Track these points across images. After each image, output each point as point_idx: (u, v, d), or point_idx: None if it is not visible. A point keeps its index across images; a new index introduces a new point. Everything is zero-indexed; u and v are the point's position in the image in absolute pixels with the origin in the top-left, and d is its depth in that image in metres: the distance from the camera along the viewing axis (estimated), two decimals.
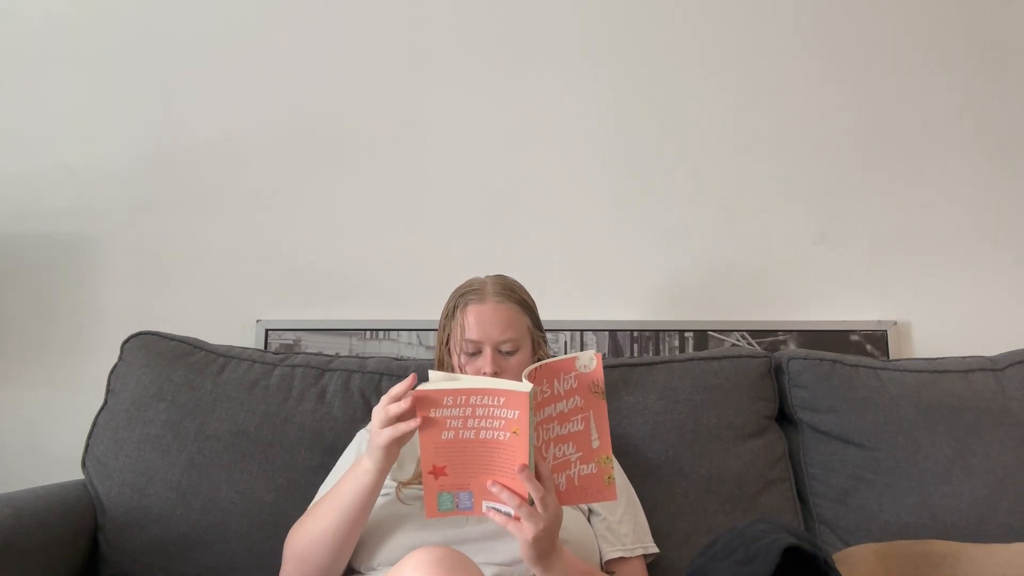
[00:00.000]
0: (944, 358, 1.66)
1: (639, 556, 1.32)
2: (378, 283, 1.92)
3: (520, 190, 1.95)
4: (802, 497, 1.59)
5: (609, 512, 1.32)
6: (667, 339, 1.87)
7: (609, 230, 1.94)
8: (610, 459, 1.08)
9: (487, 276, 1.44)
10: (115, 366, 1.60)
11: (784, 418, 1.65)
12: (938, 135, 1.94)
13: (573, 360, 1.06)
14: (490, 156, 1.96)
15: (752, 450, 1.55)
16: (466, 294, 1.40)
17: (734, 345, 1.85)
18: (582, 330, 1.87)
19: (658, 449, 1.53)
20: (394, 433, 1.08)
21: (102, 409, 1.57)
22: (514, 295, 1.41)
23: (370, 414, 1.50)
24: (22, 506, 1.35)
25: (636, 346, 1.86)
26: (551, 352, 1.83)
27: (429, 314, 1.55)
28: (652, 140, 1.96)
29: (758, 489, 1.53)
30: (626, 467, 1.45)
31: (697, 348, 1.85)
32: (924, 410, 1.54)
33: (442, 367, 1.41)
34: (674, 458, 1.52)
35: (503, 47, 1.99)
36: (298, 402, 1.55)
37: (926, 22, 1.97)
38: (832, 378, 1.59)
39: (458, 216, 1.95)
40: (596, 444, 1.07)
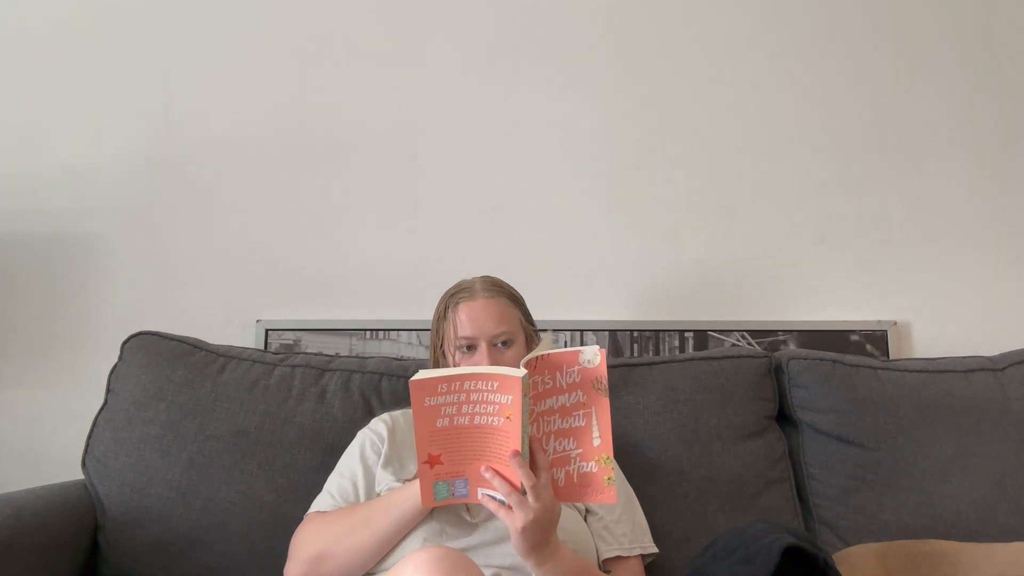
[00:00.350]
0: (944, 358, 1.66)
1: (637, 556, 1.32)
2: (378, 283, 1.92)
3: (520, 190, 1.95)
4: (802, 497, 1.59)
5: (606, 512, 1.32)
6: (667, 339, 1.87)
7: (609, 229, 1.94)
8: (610, 460, 1.07)
9: (474, 277, 1.45)
10: (115, 366, 1.60)
11: (784, 418, 1.65)
12: (938, 135, 1.94)
13: (576, 354, 1.06)
14: (490, 156, 1.96)
15: (752, 450, 1.55)
16: (456, 294, 1.41)
17: (734, 345, 1.85)
18: (582, 330, 1.87)
19: (658, 449, 1.53)
20: None
21: (102, 409, 1.57)
22: (503, 290, 1.43)
23: (370, 414, 1.52)
24: (22, 506, 1.35)
25: (636, 346, 1.86)
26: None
27: (429, 314, 1.55)
28: (652, 140, 1.96)
29: (758, 489, 1.53)
30: (626, 467, 1.45)
31: (697, 348, 1.85)
32: (924, 410, 1.54)
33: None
34: (674, 458, 1.52)
35: (502, 47, 1.99)
36: (298, 402, 1.55)
37: (926, 22, 1.97)
38: (832, 378, 1.59)
39: (458, 216, 1.95)
40: (597, 442, 1.07)
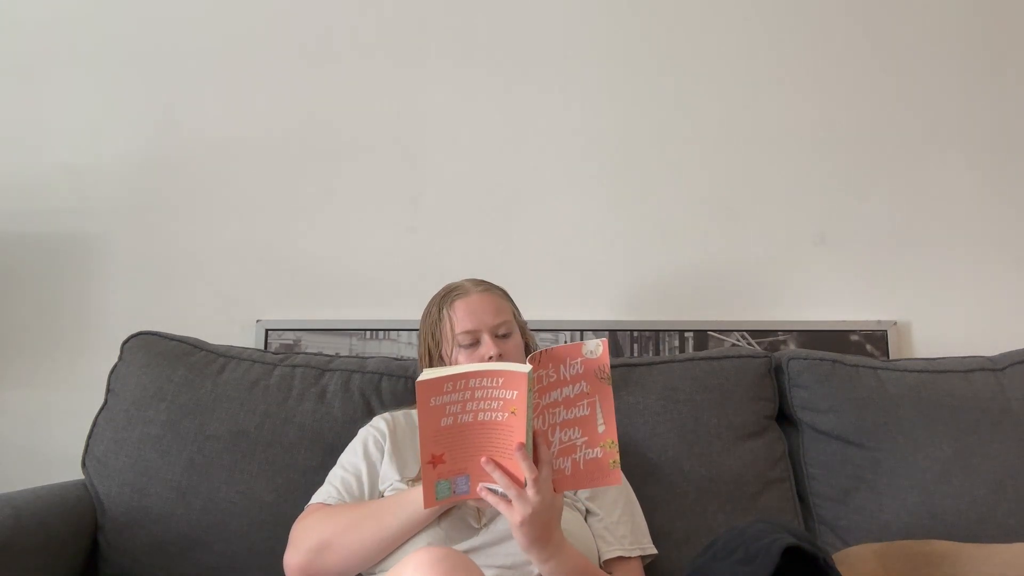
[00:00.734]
0: (944, 358, 1.66)
1: (637, 557, 1.32)
2: (378, 283, 1.93)
3: (520, 190, 1.95)
4: (802, 497, 1.59)
5: (607, 512, 1.32)
6: (667, 339, 1.87)
7: (609, 229, 1.93)
8: (615, 444, 1.09)
9: (461, 280, 1.46)
10: (115, 366, 1.60)
11: (784, 418, 1.65)
12: (938, 135, 1.94)
13: (579, 346, 1.08)
14: (489, 156, 1.96)
15: (752, 450, 1.55)
16: (448, 295, 1.42)
17: (734, 345, 1.85)
18: (582, 330, 1.87)
19: (658, 449, 1.53)
20: None
21: (102, 409, 1.57)
22: (494, 286, 1.45)
23: (370, 414, 1.52)
24: (22, 506, 1.35)
25: (636, 346, 1.87)
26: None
27: None
28: (651, 139, 1.96)
29: (758, 489, 1.53)
30: (626, 467, 1.44)
31: (697, 348, 1.85)
32: (924, 410, 1.54)
33: None
34: (674, 458, 1.52)
35: (502, 48, 1.99)
36: (298, 402, 1.55)
37: (926, 22, 1.97)
38: (832, 378, 1.59)
39: (457, 216, 1.95)
40: (602, 429, 1.09)
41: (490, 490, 1.05)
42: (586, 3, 1.99)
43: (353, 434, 1.42)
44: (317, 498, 1.31)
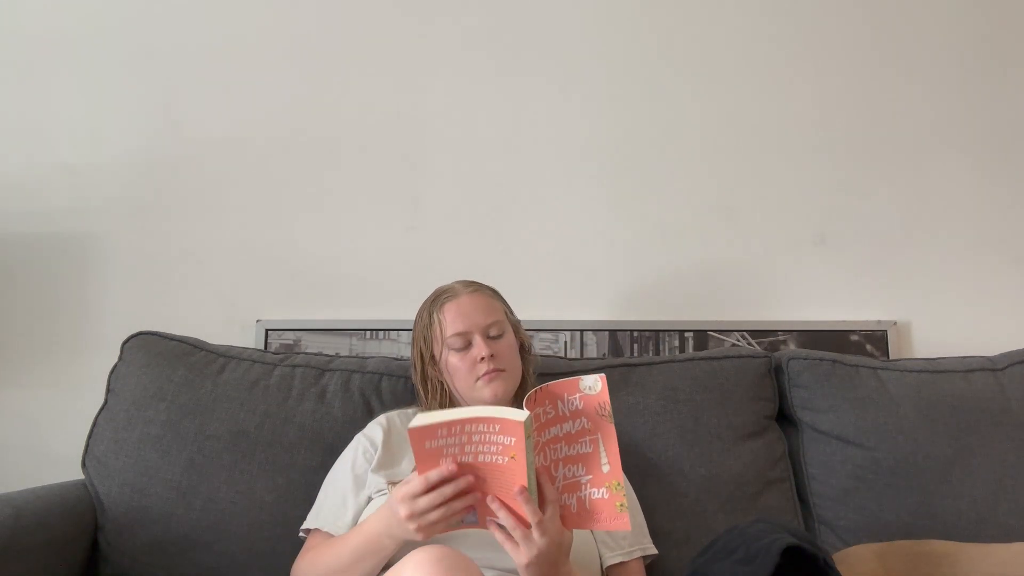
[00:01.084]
0: (944, 358, 1.66)
1: (637, 558, 1.32)
2: (378, 283, 1.93)
3: (519, 190, 1.95)
4: (802, 497, 1.59)
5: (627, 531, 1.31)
6: (667, 339, 1.87)
7: (609, 230, 1.93)
8: (621, 486, 1.06)
9: (451, 282, 1.46)
10: (115, 366, 1.60)
11: (784, 418, 1.65)
12: (938, 135, 1.94)
13: (576, 381, 1.06)
14: (489, 156, 1.96)
15: (752, 450, 1.55)
16: (438, 298, 1.42)
17: (734, 345, 1.85)
18: (582, 330, 1.87)
19: (658, 449, 1.53)
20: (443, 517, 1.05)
21: (102, 409, 1.57)
22: (484, 286, 1.45)
23: (370, 414, 1.52)
24: (22, 506, 1.35)
25: (636, 346, 1.86)
26: (551, 350, 1.84)
27: None
28: (651, 139, 1.96)
29: (758, 489, 1.53)
30: (626, 467, 1.43)
31: (697, 348, 1.85)
32: (924, 410, 1.54)
33: (426, 384, 1.41)
34: (674, 458, 1.52)
35: (502, 48, 1.99)
36: (298, 402, 1.55)
37: (926, 22, 1.97)
38: (832, 378, 1.59)
39: (457, 216, 1.95)
40: (607, 469, 1.06)
41: (498, 525, 1.04)
42: (587, 3, 1.99)
43: (353, 434, 1.42)
44: (310, 522, 1.32)
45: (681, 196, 1.94)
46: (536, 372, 1.49)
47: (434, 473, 1.02)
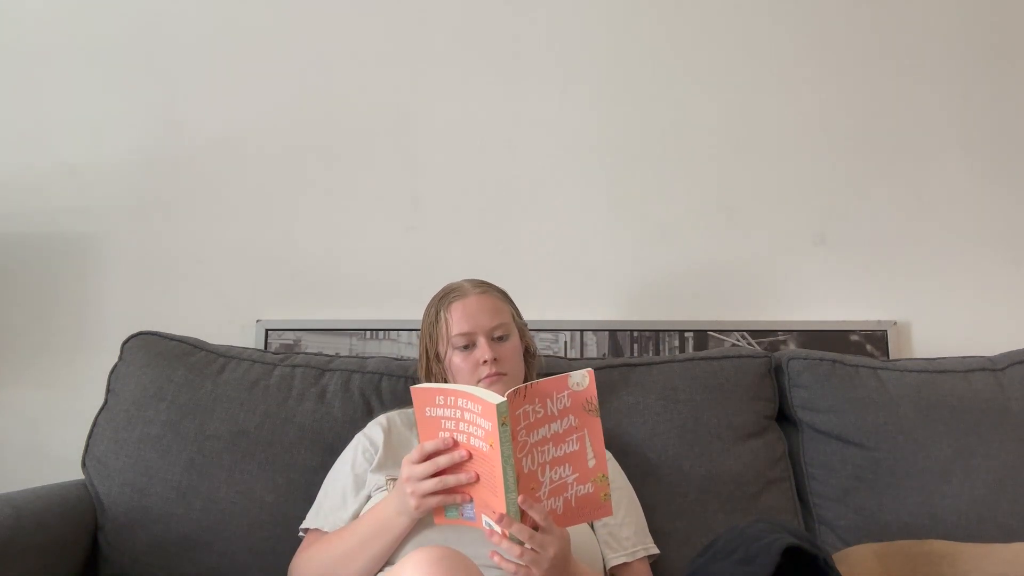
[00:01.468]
0: (944, 358, 1.66)
1: (642, 559, 1.32)
2: (378, 283, 1.93)
3: (520, 190, 1.95)
4: (802, 497, 1.59)
5: (611, 516, 1.31)
6: (667, 339, 1.87)
7: (609, 230, 1.93)
8: (605, 477, 1.07)
9: (460, 280, 1.46)
10: (115, 366, 1.60)
11: (784, 418, 1.65)
12: (938, 135, 1.94)
13: (565, 379, 1.05)
14: (489, 156, 1.96)
15: (752, 450, 1.55)
16: (446, 296, 1.42)
17: (734, 345, 1.85)
18: (582, 330, 1.87)
19: (658, 449, 1.53)
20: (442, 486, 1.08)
21: (102, 409, 1.57)
22: (493, 287, 1.45)
23: (370, 414, 1.52)
24: (22, 506, 1.35)
25: (636, 346, 1.86)
26: (551, 350, 1.84)
27: None
28: (652, 139, 1.96)
29: (758, 489, 1.53)
30: (626, 467, 1.45)
31: (697, 348, 1.85)
32: (924, 410, 1.54)
33: (430, 380, 1.42)
34: (674, 458, 1.52)
35: (502, 47, 1.99)
36: (298, 402, 1.55)
37: (925, 22, 1.97)
38: (832, 378, 1.59)
39: (457, 216, 1.95)
40: (592, 464, 1.06)
41: (501, 555, 1.05)
42: (587, 3, 1.99)
43: (353, 434, 1.43)
44: (309, 522, 1.32)
45: (681, 196, 1.94)
46: (539, 375, 1.49)
47: (430, 443, 1.08)
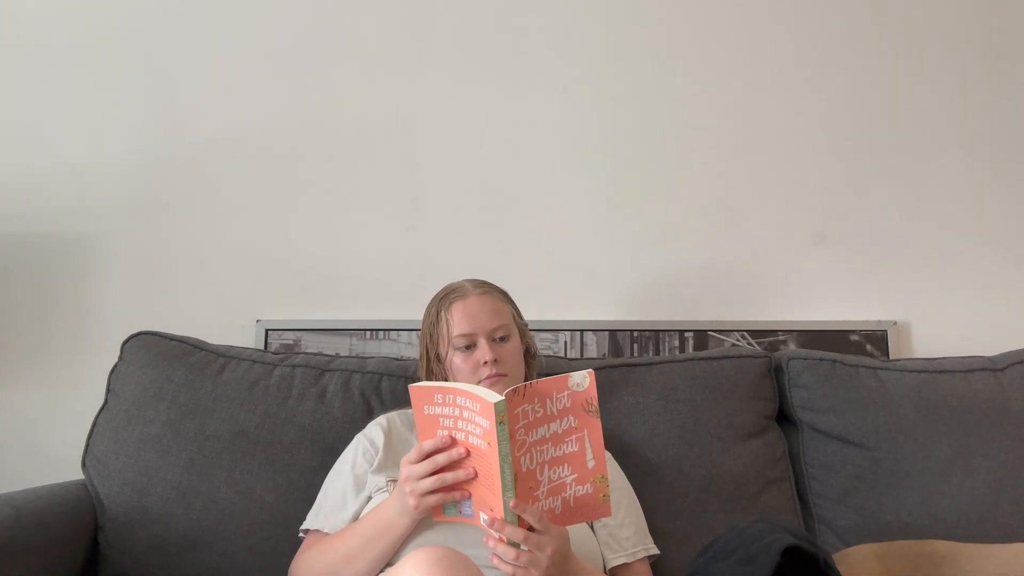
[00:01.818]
0: (944, 358, 1.66)
1: (642, 559, 1.32)
2: (378, 283, 1.93)
3: (519, 190, 1.95)
4: (802, 497, 1.59)
5: (611, 517, 1.31)
6: (667, 339, 1.87)
7: (608, 229, 1.93)
8: (604, 478, 1.07)
9: (461, 280, 1.46)
10: (115, 366, 1.60)
11: (784, 418, 1.65)
12: (937, 135, 1.94)
13: (565, 379, 1.05)
14: (489, 156, 1.96)
15: (752, 450, 1.55)
16: (447, 296, 1.42)
17: (734, 345, 1.85)
18: (582, 330, 1.87)
19: (658, 449, 1.53)
20: (440, 484, 1.08)
21: (102, 409, 1.57)
22: (494, 288, 1.45)
23: (370, 414, 1.52)
24: (22, 506, 1.35)
25: (636, 346, 1.86)
26: (551, 351, 1.84)
27: None
28: (651, 139, 1.96)
29: (758, 489, 1.53)
30: (626, 467, 1.45)
31: (697, 348, 1.85)
32: (924, 410, 1.54)
33: (431, 379, 1.42)
34: (674, 458, 1.52)
35: (502, 47, 1.99)
36: (298, 402, 1.55)
37: (925, 22, 1.97)
38: (832, 378, 1.59)
39: (457, 215, 1.95)
40: (591, 465, 1.06)
41: (503, 559, 1.05)
42: (588, 3, 1.99)
43: (353, 434, 1.43)
44: (309, 523, 1.32)
45: (681, 196, 1.94)
46: (539, 375, 1.49)
47: (428, 443, 1.08)
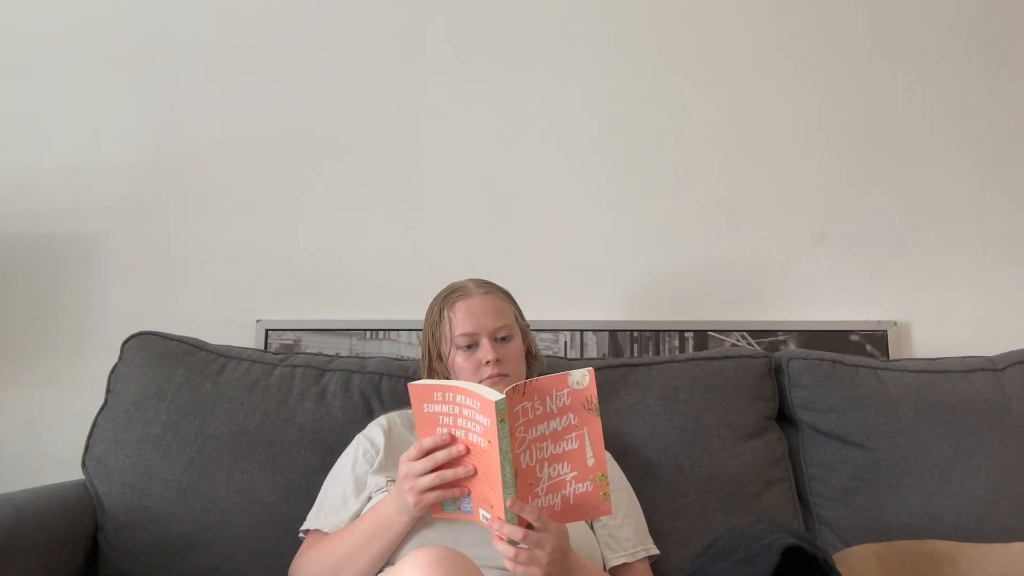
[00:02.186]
0: (944, 358, 1.66)
1: (642, 559, 1.32)
2: (378, 283, 1.93)
3: (519, 190, 1.95)
4: (802, 497, 1.59)
5: (610, 517, 1.31)
6: (667, 339, 1.87)
7: (608, 229, 1.93)
8: (604, 476, 1.07)
9: (464, 279, 1.46)
10: (115, 366, 1.60)
11: (784, 418, 1.65)
12: (938, 135, 1.94)
13: (565, 377, 1.05)
14: (489, 156, 1.96)
15: (752, 450, 1.55)
16: (450, 295, 1.42)
17: (734, 345, 1.85)
18: (582, 330, 1.87)
19: (658, 449, 1.53)
20: (440, 481, 1.08)
21: (102, 409, 1.57)
22: (497, 288, 1.45)
23: (370, 415, 1.52)
24: (22, 506, 1.34)
25: (636, 346, 1.86)
26: (551, 351, 1.84)
27: None
28: (651, 139, 1.96)
29: (758, 489, 1.53)
30: (626, 467, 1.45)
31: (697, 348, 1.85)
32: (924, 410, 1.54)
33: (432, 378, 1.42)
34: (674, 458, 1.52)
35: (502, 47, 1.99)
36: (298, 402, 1.55)
37: (925, 21, 1.97)
38: (832, 378, 1.59)
39: (457, 215, 1.95)
40: (591, 462, 1.06)
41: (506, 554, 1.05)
42: (587, 2, 1.99)
43: (353, 434, 1.43)
44: (309, 523, 1.32)
45: (681, 196, 1.94)
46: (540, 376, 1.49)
47: (428, 440, 1.08)
